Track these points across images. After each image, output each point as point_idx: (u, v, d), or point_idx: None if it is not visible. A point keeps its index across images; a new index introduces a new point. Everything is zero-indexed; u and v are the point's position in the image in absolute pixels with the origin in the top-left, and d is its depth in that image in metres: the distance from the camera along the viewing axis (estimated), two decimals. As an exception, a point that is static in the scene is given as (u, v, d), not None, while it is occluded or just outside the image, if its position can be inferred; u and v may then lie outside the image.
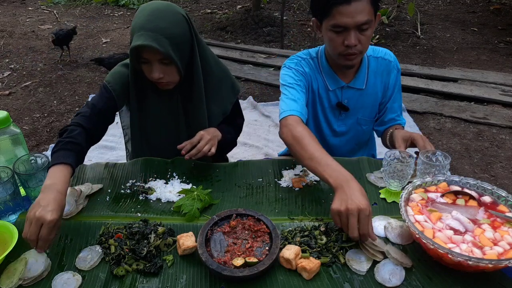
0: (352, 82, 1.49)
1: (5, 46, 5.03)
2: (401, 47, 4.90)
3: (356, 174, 1.32)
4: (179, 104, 1.42)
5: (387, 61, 1.52)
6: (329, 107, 1.54)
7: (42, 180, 1.18)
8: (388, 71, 1.53)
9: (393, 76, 1.54)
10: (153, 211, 1.20)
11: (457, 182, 1.13)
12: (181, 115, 1.43)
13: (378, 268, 0.97)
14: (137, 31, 1.20)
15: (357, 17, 1.27)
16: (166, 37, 1.20)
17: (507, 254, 0.92)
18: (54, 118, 3.48)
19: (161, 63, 1.25)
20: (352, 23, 1.27)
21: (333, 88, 1.50)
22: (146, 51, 1.22)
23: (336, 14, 1.28)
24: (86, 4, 6.78)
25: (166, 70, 1.27)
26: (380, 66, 1.52)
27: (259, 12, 5.62)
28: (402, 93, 1.62)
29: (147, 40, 1.18)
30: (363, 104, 1.54)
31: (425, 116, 3.45)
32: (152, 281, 0.98)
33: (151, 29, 1.19)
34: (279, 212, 1.19)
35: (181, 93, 1.40)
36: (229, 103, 1.52)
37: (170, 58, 1.22)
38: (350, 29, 1.29)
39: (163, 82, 1.30)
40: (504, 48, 4.83)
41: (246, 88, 3.94)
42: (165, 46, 1.20)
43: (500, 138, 3.14)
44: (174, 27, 1.23)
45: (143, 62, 1.27)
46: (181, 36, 1.25)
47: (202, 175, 1.36)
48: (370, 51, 1.52)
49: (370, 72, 1.51)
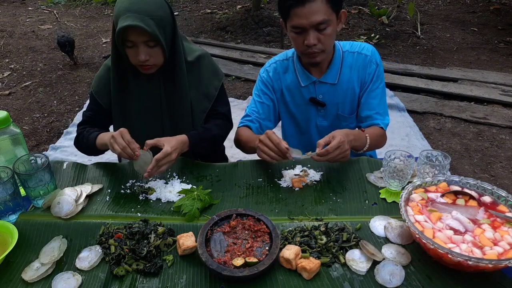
0: (323, 77, 1.52)
1: (5, 46, 5.03)
2: (401, 47, 4.90)
3: (356, 174, 1.33)
4: (161, 88, 1.42)
5: (363, 56, 1.52)
6: (303, 104, 1.58)
7: (42, 180, 1.18)
8: (365, 65, 1.52)
9: (370, 70, 1.52)
10: (153, 211, 1.20)
11: (457, 182, 1.13)
12: (163, 99, 1.43)
13: (378, 269, 0.97)
14: (122, 14, 1.21)
15: (312, 18, 1.31)
16: (151, 18, 1.21)
17: (507, 254, 0.92)
18: (54, 118, 3.48)
19: (147, 45, 1.26)
20: (308, 23, 1.32)
21: (305, 84, 1.54)
22: (132, 33, 1.22)
23: (293, 16, 1.33)
24: (86, 4, 6.78)
25: (151, 53, 1.28)
26: (356, 61, 1.52)
27: (259, 12, 5.62)
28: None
29: (134, 21, 1.18)
30: (340, 99, 1.55)
31: (425, 116, 3.45)
32: (152, 281, 0.98)
33: (137, 11, 1.20)
34: (279, 212, 1.19)
35: (164, 77, 1.40)
36: (212, 87, 1.50)
37: (156, 38, 1.23)
38: (308, 29, 1.33)
39: (148, 65, 1.30)
40: (504, 48, 4.83)
41: (246, 88, 3.94)
42: (152, 26, 1.21)
43: (500, 138, 3.14)
44: (157, 9, 1.24)
45: (128, 47, 1.27)
46: (164, 18, 1.26)
47: (202, 175, 1.36)
48: (347, 46, 1.54)
49: (344, 67, 1.52)
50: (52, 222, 1.15)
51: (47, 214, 1.18)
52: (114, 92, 1.42)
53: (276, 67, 1.59)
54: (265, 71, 1.61)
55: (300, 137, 1.67)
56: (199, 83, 1.46)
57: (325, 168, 1.37)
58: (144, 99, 1.43)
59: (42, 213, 1.19)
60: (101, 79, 1.46)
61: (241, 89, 3.98)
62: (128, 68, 1.36)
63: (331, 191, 1.27)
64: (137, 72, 1.37)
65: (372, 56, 1.52)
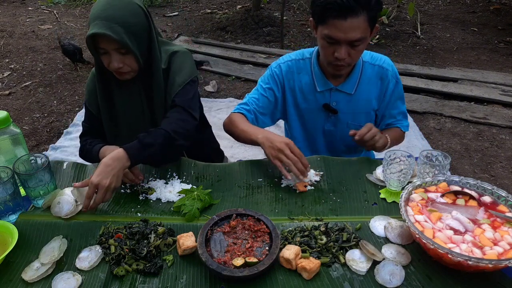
0: (341, 86, 1.49)
1: (5, 46, 5.03)
2: (401, 47, 4.90)
3: (356, 174, 1.33)
4: (142, 95, 1.41)
5: (384, 70, 1.50)
6: (315, 108, 1.54)
7: (42, 180, 1.18)
8: (384, 79, 1.50)
9: (391, 85, 1.51)
10: (153, 211, 1.20)
11: (457, 182, 1.13)
12: (144, 105, 1.42)
13: (378, 269, 0.97)
14: (92, 21, 1.21)
15: (351, 34, 1.26)
16: (120, 26, 1.20)
17: (507, 254, 0.92)
18: (54, 118, 3.48)
19: (119, 52, 1.25)
20: (345, 38, 1.27)
21: (321, 89, 1.50)
22: (101, 40, 1.22)
23: (331, 26, 1.27)
24: (86, 4, 6.78)
25: (124, 60, 1.27)
26: (376, 74, 1.50)
27: (259, 12, 5.61)
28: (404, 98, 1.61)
29: (101, 29, 1.18)
30: (355, 109, 1.53)
31: (425, 116, 3.45)
32: (152, 281, 0.98)
33: (105, 18, 1.19)
34: (279, 212, 1.19)
35: (143, 84, 1.39)
36: (177, 84, 1.37)
37: (125, 46, 1.22)
38: (341, 43, 1.29)
39: (123, 71, 1.29)
40: (504, 48, 4.83)
41: (246, 88, 3.94)
42: (120, 34, 1.20)
43: (500, 138, 3.14)
44: (129, 16, 1.22)
45: (102, 54, 1.27)
46: (136, 25, 1.24)
47: (202, 175, 1.36)
48: (367, 56, 1.51)
49: (363, 78, 1.49)
50: (52, 222, 1.15)
51: (47, 214, 1.18)
52: (101, 101, 1.42)
53: (291, 66, 1.53)
54: (278, 67, 1.55)
55: (306, 139, 1.64)
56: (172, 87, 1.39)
57: (325, 168, 1.37)
58: (127, 105, 1.43)
59: (42, 213, 1.19)
60: (89, 88, 1.47)
61: (241, 89, 3.98)
62: (110, 76, 1.36)
63: (331, 191, 1.27)
64: (118, 80, 1.36)
65: (392, 71, 1.51)
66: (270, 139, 1.30)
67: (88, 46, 1.25)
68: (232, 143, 1.58)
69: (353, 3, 1.21)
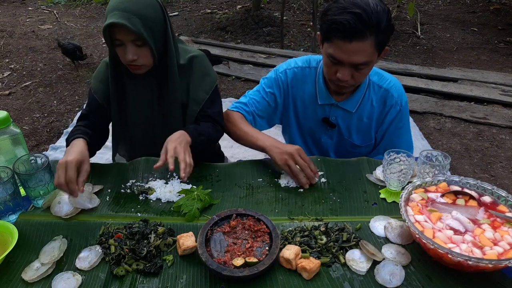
0: (343, 102, 1.46)
1: (5, 46, 5.03)
2: (401, 47, 4.90)
3: (356, 174, 1.33)
4: (153, 90, 1.41)
5: (389, 95, 1.44)
6: (314, 119, 1.53)
7: (42, 180, 1.18)
8: (387, 104, 1.45)
9: (392, 112, 1.45)
10: (153, 211, 1.20)
11: (457, 182, 1.13)
12: (155, 101, 1.42)
13: (378, 269, 0.97)
14: (110, 12, 1.22)
15: (355, 57, 1.21)
16: (138, 18, 1.21)
17: (507, 254, 0.92)
18: (54, 118, 3.48)
19: (134, 44, 1.25)
20: (348, 61, 1.23)
21: (322, 102, 1.48)
22: (118, 31, 1.23)
23: (335, 46, 1.23)
24: (86, 4, 6.78)
25: (139, 52, 1.27)
26: (380, 97, 1.45)
27: (259, 12, 5.61)
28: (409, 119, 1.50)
29: (119, 19, 1.18)
30: (354, 127, 1.50)
31: (425, 116, 3.45)
32: (152, 281, 0.98)
33: (124, 9, 1.20)
34: (279, 212, 1.19)
35: (156, 80, 1.40)
36: (202, 91, 1.44)
37: (142, 38, 1.22)
38: (345, 64, 1.25)
39: (137, 65, 1.30)
40: (504, 48, 4.83)
41: (246, 88, 3.94)
42: (137, 25, 1.21)
43: (500, 138, 3.14)
44: (146, 9, 1.23)
45: (117, 45, 1.27)
46: (153, 19, 1.25)
47: (202, 175, 1.36)
48: (376, 77, 1.45)
49: (366, 97, 1.45)
50: (52, 222, 1.15)
51: (47, 214, 1.18)
52: (112, 91, 1.42)
53: (297, 73, 1.50)
54: (284, 72, 1.51)
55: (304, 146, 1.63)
56: (190, 85, 1.44)
57: (325, 168, 1.37)
58: (138, 100, 1.44)
59: (42, 213, 1.19)
60: (99, 74, 1.47)
61: (241, 89, 3.98)
62: (123, 68, 1.37)
63: (331, 191, 1.27)
64: (132, 73, 1.37)
65: (398, 98, 1.44)
66: (278, 146, 1.31)
67: (104, 37, 1.26)
68: (232, 143, 1.58)
69: (360, 26, 1.15)
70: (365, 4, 1.16)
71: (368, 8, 1.16)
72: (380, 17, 1.17)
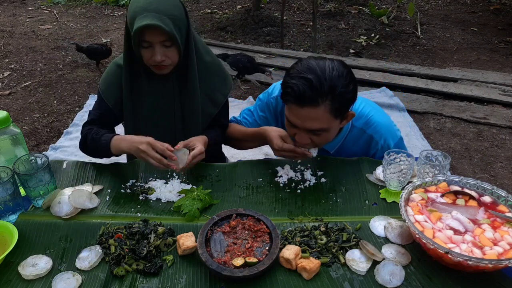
0: None
1: (5, 46, 5.03)
2: (401, 47, 4.90)
3: (356, 174, 1.33)
4: (175, 88, 1.40)
5: (374, 141, 1.37)
6: None
7: (42, 180, 1.18)
8: (371, 147, 1.39)
9: (379, 153, 1.37)
10: (153, 211, 1.20)
11: (457, 182, 1.13)
12: (176, 99, 1.42)
13: (378, 269, 0.97)
14: (139, 14, 1.19)
15: (308, 123, 1.16)
16: (169, 18, 1.21)
17: (507, 254, 0.92)
18: (54, 118, 3.48)
19: (163, 45, 1.25)
20: (302, 126, 1.18)
21: None
22: (149, 33, 1.21)
23: (289, 109, 1.19)
24: (86, 4, 6.78)
25: (167, 53, 1.27)
26: (365, 142, 1.39)
27: (259, 12, 5.61)
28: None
29: (153, 20, 1.17)
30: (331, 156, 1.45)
31: (425, 116, 3.45)
32: (152, 281, 0.98)
33: (154, 10, 1.19)
34: (279, 212, 1.19)
35: (177, 78, 1.39)
36: (220, 93, 1.48)
37: (173, 38, 1.22)
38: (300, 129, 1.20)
39: (164, 65, 1.29)
40: (504, 48, 4.83)
41: (246, 88, 3.94)
42: (170, 26, 1.20)
43: (500, 138, 3.14)
44: (174, 8, 1.23)
45: (144, 47, 1.26)
46: (180, 18, 1.25)
47: (202, 175, 1.36)
48: (361, 122, 1.36)
49: (348, 140, 1.39)
50: (52, 222, 1.15)
51: (47, 214, 1.18)
52: (126, 92, 1.39)
53: None
54: (275, 99, 1.46)
55: None
56: (209, 86, 1.44)
57: (325, 168, 1.37)
58: (157, 100, 1.42)
59: (42, 213, 1.19)
60: (108, 77, 1.44)
61: (241, 89, 3.98)
62: (142, 68, 1.35)
63: (331, 191, 1.27)
64: (151, 73, 1.36)
65: (384, 143, 1.37)
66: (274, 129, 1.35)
67: (133, 39, 1.23)
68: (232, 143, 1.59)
69: (309, 93, 1.10)
70: (321, 70, 1.11)
71: (323, 74, 1.11)
72: (334, 83, 1.11)
